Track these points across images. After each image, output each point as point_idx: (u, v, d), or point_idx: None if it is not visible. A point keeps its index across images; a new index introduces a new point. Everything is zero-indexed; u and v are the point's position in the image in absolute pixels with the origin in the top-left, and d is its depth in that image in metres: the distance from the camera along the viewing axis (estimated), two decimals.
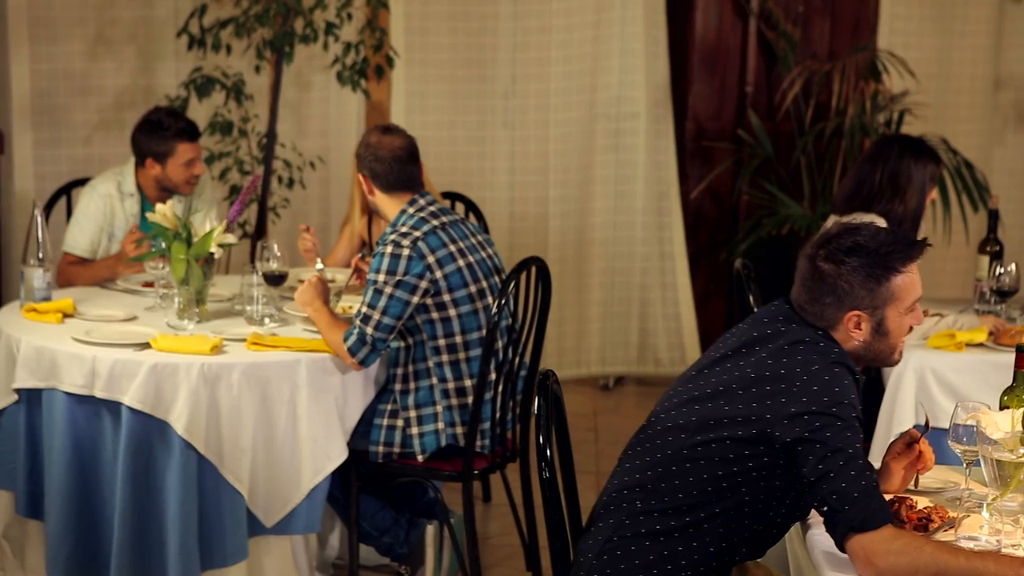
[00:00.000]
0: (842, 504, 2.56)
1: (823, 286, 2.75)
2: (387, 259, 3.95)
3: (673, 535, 2.71)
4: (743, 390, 2.69)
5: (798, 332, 2.74)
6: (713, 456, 2.69)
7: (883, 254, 2.72)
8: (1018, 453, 2.78)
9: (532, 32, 6.29)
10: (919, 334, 4.20)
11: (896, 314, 2.75)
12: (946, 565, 2.50)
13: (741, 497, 2.70)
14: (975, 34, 6.77)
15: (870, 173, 4.29)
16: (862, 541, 2.55)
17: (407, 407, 4.05)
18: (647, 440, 2.80)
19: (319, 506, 3.99)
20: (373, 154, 4.09)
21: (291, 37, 5.35)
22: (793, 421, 2.61)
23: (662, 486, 2.72)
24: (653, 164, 6.45)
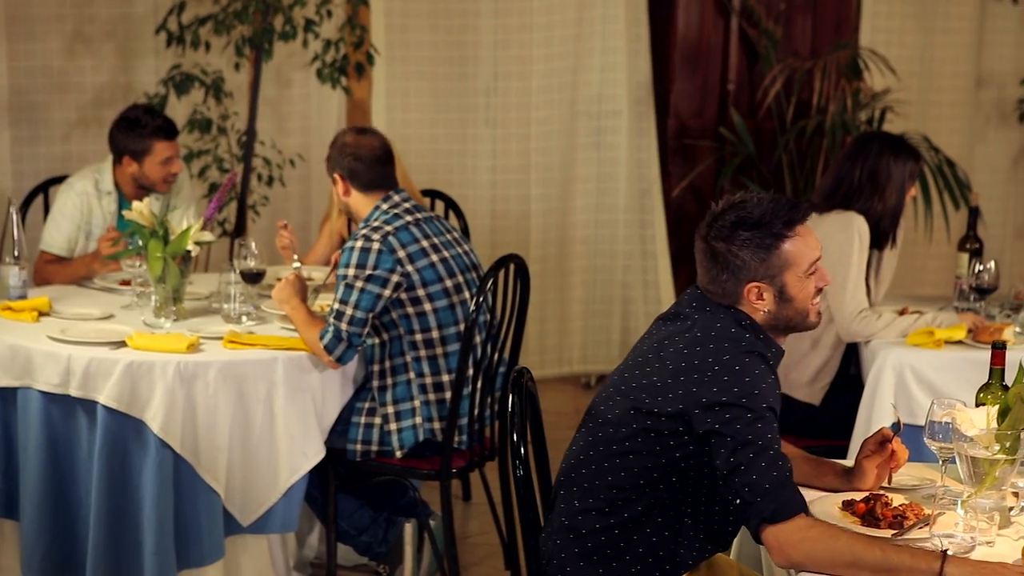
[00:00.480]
0: (754, 496, 2.56)
1: (717, 264, 2.74)
2: (356, 253, 3.94)
3: (614, 531, 2.71)
4: (662, 382, 2.68)
5: (709, 319, 2.73)
6: (641, 449, 2.69)
7: (766, 223, 2.70)
8: (993, 450, 2.78)
9: (513, 30, 6.27)
10: (898, 332, 4.20)
11: (795, 279, 2.73)
12: (861, 555, 2.50)
13: (674, 487, 2.70)
14: (957, 32, 6.78)
15: (849, 170, 4.28)
16: (775, 532, 2.55)
17: (385, 403, 4.03)
18: (586, 434, 2.80)
19: (296, 505, 3.97)
20: (352, 154, 4.07)
21: (270, 34, 5.33)
22: (705, 412, 2.61)
23: (596, 483, 2.73)
24: (635, 162, 6.44)
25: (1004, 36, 6.84)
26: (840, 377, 4.35)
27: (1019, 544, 2.66)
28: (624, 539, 2.72)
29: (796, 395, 4.34)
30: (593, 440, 2.77)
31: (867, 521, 2.76)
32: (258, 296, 4.38)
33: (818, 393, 4.34)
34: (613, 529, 2.72)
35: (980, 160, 6.96)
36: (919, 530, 2.71)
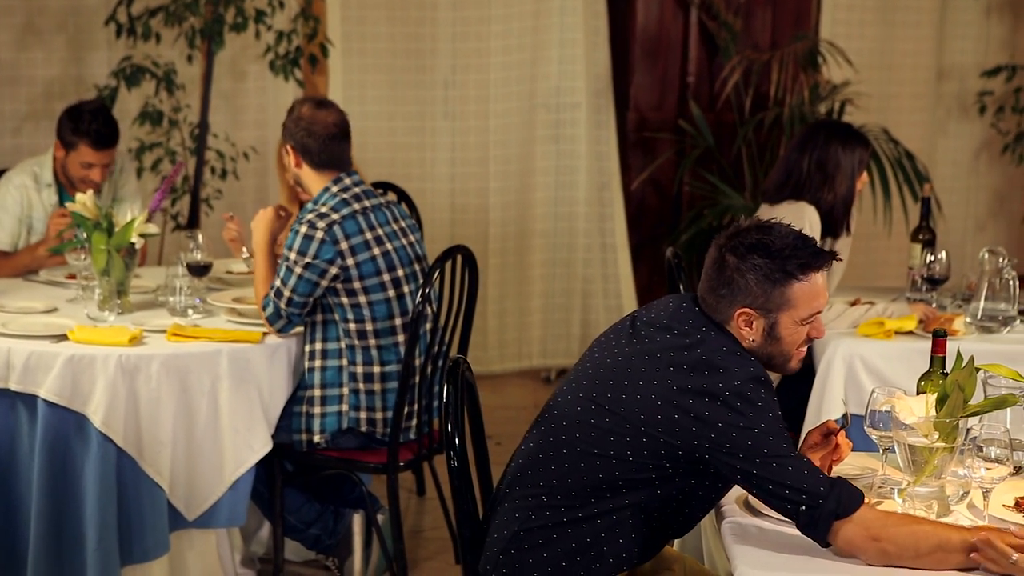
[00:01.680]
0: (815, 499, 2.52)
1: (722, 277, 2.68)
2: (300, 239, 3.89)
3: (567, 529, 2.67)
4: (663, 401, 2.60)
5: (715, 340, 2.65)
6: (613, 456, 2.63)
7: (785, 257, 2.64)
8: (932, 438, 2.76)
9: (471, 22, 6.23)
10: (849, 322, 4.18)
11: (790, 321, 2.67)
12: (947, 537, 2.48)
13: (639, 495, 2.65)
14: (918, 25, 6.77)
15: (798, 161, 4.26)
16: (853, 525, 2.51)
17: (313, 385, 3.98)
18: (546, 432, 2.74)
19: (243, 499, 3.93)
20: (306, 128, 4.00)
21: (220, 25, 5.28)
22: (722, 448, 2.56)
23: (554, 482, 2.68)
24: (594, 155, 6.41)
25: (965, 29, 6.84)
26: None
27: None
28: (576, 538, 2.67)
29: None
30: (554, 439, 2.70)
31: None
32: (206, 289, 4.33)
33: None
34: (567, 528, 2.67)
35: (941, 153, 6.96)
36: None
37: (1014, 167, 6.78)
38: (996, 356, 3.99)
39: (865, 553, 2.52)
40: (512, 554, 2.69)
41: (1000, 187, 7.02)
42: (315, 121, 3.99)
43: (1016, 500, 2.82)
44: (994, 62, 6.68)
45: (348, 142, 4.05)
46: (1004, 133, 6.73)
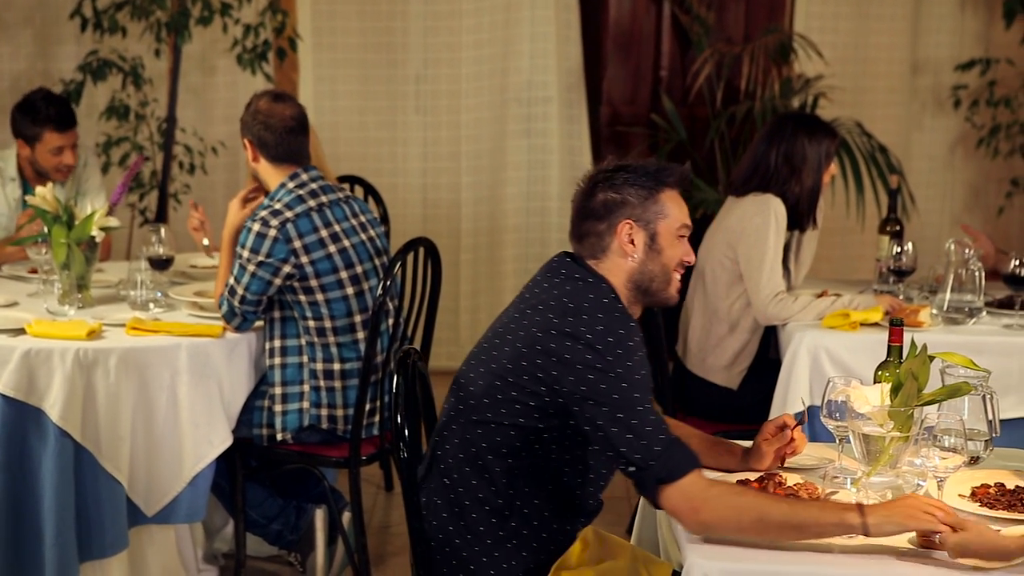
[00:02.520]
0: (646, 460, 2.52)
1: (595, 204, 2.74)
2: (253, 237, 3.85)
3: (484, 506, 2.68)
4: (528, 348, 2.63)
5: (581, 288, 2.68)
6: (503, 420, 2.65)
7: (652, 170, 2.75)
8: (887, 427, 2.74)
9: (442, 16, 6.21)
10: (814, 314, 4.15)
11: (668, 232, 2.74)
12: (768, 510, 2.46)
13: (537, 456, 2.66)
14: (892, 18, 6.75)
15: (765, 153, 4.24)
16: (677, 491, 2.50)
17: (274, 383, 3.95)
18: (455, 402, 2.76)
19: (203, 494, 3.89)
20: (263, 122, 3.96)
21: (186, 18, 5.24)
22: (578, 380, 2.57)
23: (460, 455, 2.69)
24: (567, 149, 6.38)
25: (940, 22, 6.82)
26: (758, 361, 4.31)
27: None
28: (495, 512, 2.68)
29: (714, 379, 4.30)
30: (458, 411, 2.72)
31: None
32: (169, 283, 4.30)
33: (736, 377, 4.29)
34: (484, 504, 2.68)
35: (917, 147, 6.94)
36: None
37: (989, 161, 6.76)
38: (962, 347, 3.96)
39: (684, 522, 2.51)
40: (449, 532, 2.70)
41: (976, 181, 7.01)
42: (272, 114, 3.95)
43: (972, 490, 2.80)
44: (969, 56, 6.66)
45: (306, 136, 4.01)
46: (979, 127, 6.71)
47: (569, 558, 2.73)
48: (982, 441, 2.98)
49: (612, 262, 2.75)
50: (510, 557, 2.70)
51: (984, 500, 2.73)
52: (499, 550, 2.70)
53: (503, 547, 2.70)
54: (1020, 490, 2.76)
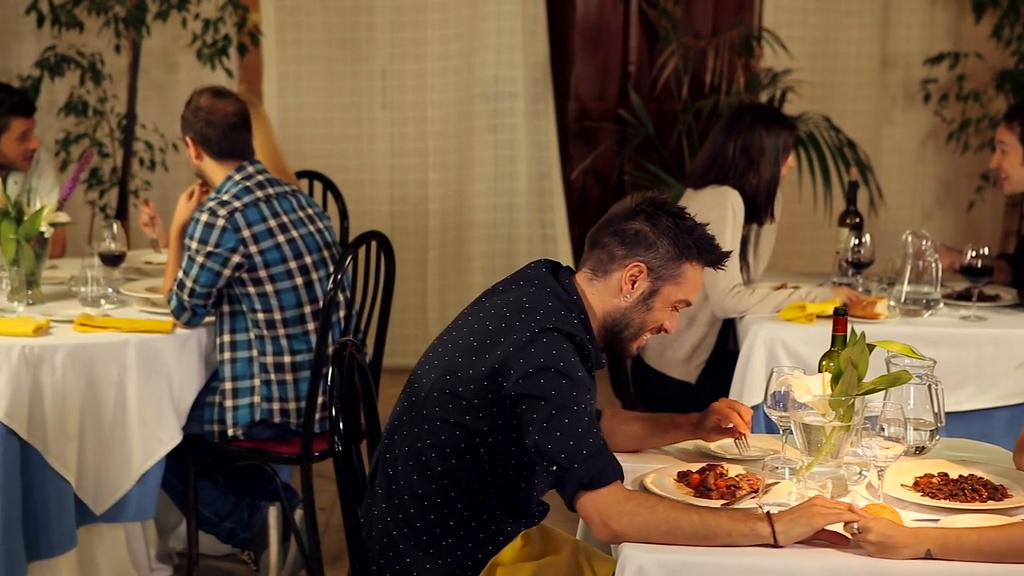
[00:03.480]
0: (571, 462, 2.48)
1: (623, 234, 2.69)
2: (200, 228, 3.82)
3: (423, 502, 2.65)
4: (479, 342, 2.61)
5: (541, 295, 2.65)
6: (450, 417, 2.61)
7: (696, 238, 2.71)
8: (828, 417, 2.70)
9: (407, 11, 6.17)
10: (772, 307, 4.12)
11: (668, 297, 2.71)
12: (678, 522, 2.43)
13: (482, 459, 2.62)
14: (861, 13, 6.72)
15: (723, 145, 4.21)
16: (593, 500, 2.47)
17: (224, 378, 3.91)
18: (403, 400, 2.72)
19: (152, 492, 3.85)
20: (205, 119, 3.92)
21: (142, 12, 5.20)
22: (518, 373, 2.53)
23: (406, 449, 2.66)
24: (534, 145, 6.35)
25: (910, 16, 6.79)
26: (717, 355, 4.28)
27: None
28: (436, 511, 2.65)
29: (672, 373, 4.26)
30: (407, 406, 2.69)
31: (700, 492, 2.69)
32: (123, 279, 4.26)
33: (694, 371, 4.26)
34: (423, 500, 2.65)
35: (887, 142, 6.91)
36: (750, 500, 2.63)
37: (959, 155, 6.74)
38: (919, 339, 3.96)
39: (596, 531, 2.49)
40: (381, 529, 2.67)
41: (946, 176, 6.98)
42: (214, 111, 3.92)
43: (916, 479, 2.77)
44: (939, 50, 6.64)
45: (249, 131, 3.98)
46: (949, 121, 6.69)
47: (505, 554, 2.70)
48: (928, 431, 2.95)
49: (605, 288, 2.71)
50: (445, 554, 2.66)
51: (927, 490, 2.70)
52: (434, 547, 2.66)
53: (439, 544, 2.66)
54: (964, 480, 2.73)
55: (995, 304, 4.23)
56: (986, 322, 4.07)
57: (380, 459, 2.74)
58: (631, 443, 2.92)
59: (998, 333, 4.02)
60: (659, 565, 2.42)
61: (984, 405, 4.01)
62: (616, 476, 2.49)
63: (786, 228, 6.73)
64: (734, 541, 2.43)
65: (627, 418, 2.94)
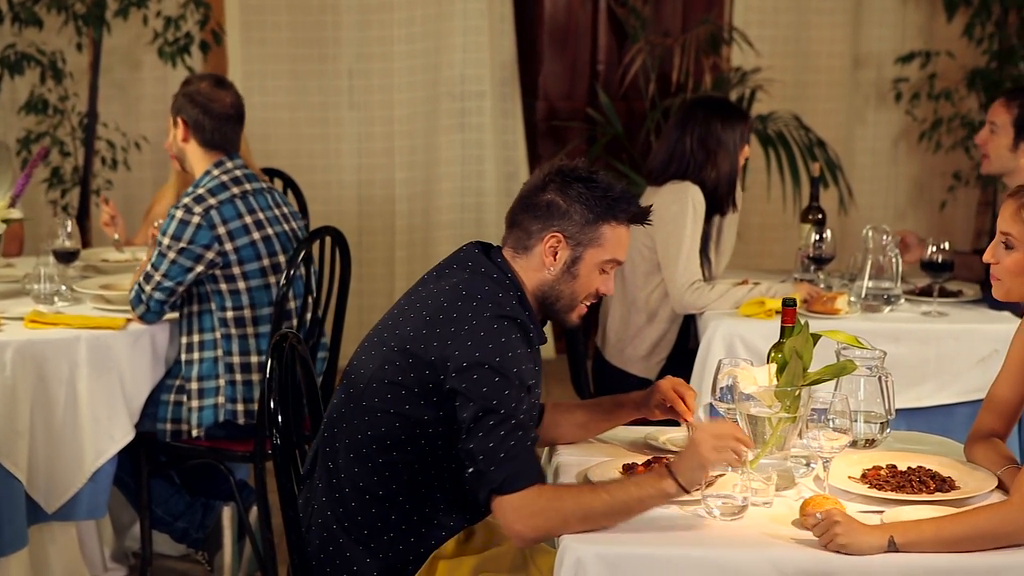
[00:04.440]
0: (488, 464, 2.46)
1: (540, 199, 2.64)
2: (176, 223, 3.78)
3: (364, 495, 2.61)
4: (415, 331, 2.58)
5: (479, 279, 2.62)
6: (389, 408, 2.57)
7: (609, 197, 2.64)
8: (775, 408, 2.67)
9: (374, 10, 6.13)
10: (731, 302, 4.09)
11: (592, 261, 2.66)
12: (590, 506, 2.42)
13: (423, 451, 2.58)
14: (832, 12, 6.70)
15: (679, 140, 4.18)
16: (504, 504, 2.45)
17: (190, 378, 3.87)
18: (341, 392, 2.69)
19: (104, 490, 3.81)
20: (203, 105, 3.89)
21: (101, 10, 5.15)
22: (455, 367, 2.50)
23: (347, 442, 2.62)
24: (501, 144, 6.32)
25: (882, 16, 6.77)
26: (677, 351, 4.25)
27: (798, 504, 2.55)
28: (377, 504, 2.61)
29: (632, 370, 4.23)
30: (346, 398, 2.65)
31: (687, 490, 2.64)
32: (79, 277, 4.22)
33: (654, 368, 4.23)
34: (364, 494, 2.61)
35: (860, 141, 6.89)
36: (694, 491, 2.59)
37: (932, 155, 6.72)
38: (879, 335, 3.94)
39: (511, 533, 2.48)
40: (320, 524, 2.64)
41: (919, 175, 6.97)
42: (213, 99, 3.90)
43: (863, 471, 2.74)
44: (911, 50, 6.61)
45: (241, 126, 3.98)
46: (920, 121, 6.67)
47: (447, 547, 2.66)
48: (878, 423, 2.92)
49: (529, 264, 2.67)
50: (386, 549, 2.62)
51: (874, 482, 2.68)
52: (375, 541, 2.62)
53: (379, 538, 2.62)
54: (912, 472, 2.70)
55: (957, 300, 4.20)
56: (947, 318, 4.05)
57: (319, 452, 2.70)
58: (577, 431, 2.89)
59: (959, 329, 3.99)
60: (598, 557, 2.39)
61: (945, 401, 3.99)
62: (532, 480, 2.47)
63: (756, 228, 6.73)
64: (647, 506, 2.45)
65: (570, 407, 2.91)
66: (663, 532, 2.47)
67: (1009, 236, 2.65)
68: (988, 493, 2.62)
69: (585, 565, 2.38)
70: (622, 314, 4.26)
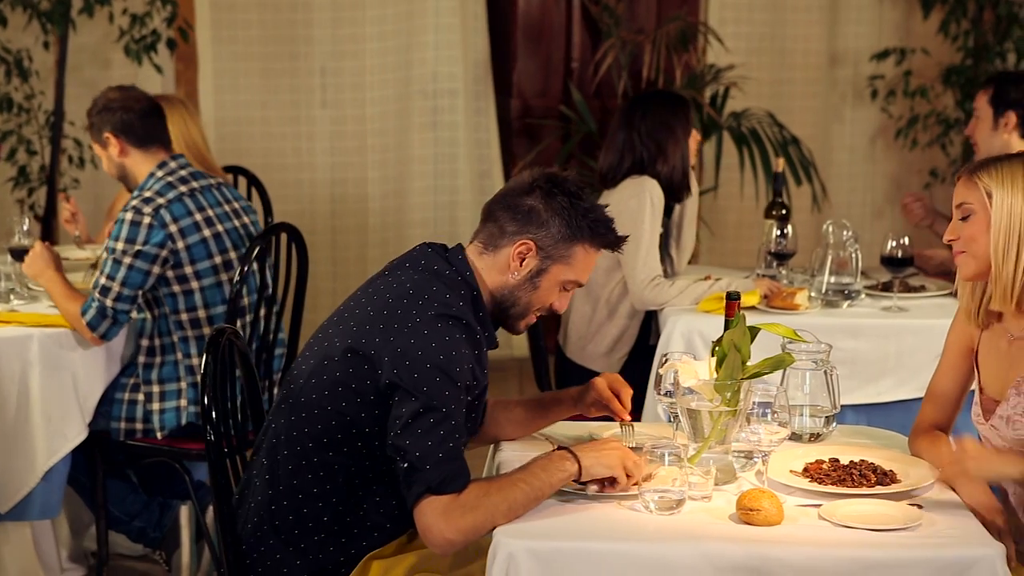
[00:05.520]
0: (424, 463, 2.43)
1: (525, 202, 2.62)
2: (127, 227, 3.75)
3: (297, 495, 2.58)
4: (358, 327, 2.55)
5: (428, 280, 2.59)
6: (327, 405, 2.55)
7: (591, 220, 2.63)
8: (715, 402, 2.64)
9: (345, 7, 6.11)
10: (691, 299, 4.07)
11: (556, 277, 2.64)
12: (512, 496, 2.43)
13: (360, 451, 2.56)
14: (808, 9, 6.67)
15: (627, 139, 4.17)
16: (435, 504, 2.42)
17: (150, 381, 3.84)
18: (281, 389, 2.68)
19: (58, 489, 3.79)
20: (122, 107, 3.86)
21: (63, 7, 5.12)
22: (395, 362, 2.47)
23: (284, 437, 2.60)
24: (474, 142, 6.29)
25: (859, 13, 6.74)
26: (639, 348, 4.22)
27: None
28: (311, 504, 2.59)
29: (594, 367, 4.20)
30: (286, 395, 2.63)
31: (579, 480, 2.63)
32: None
33: (616, 364, 4.20)
34: (298, 494, 2.59)
35: (837, 139, 6.86)
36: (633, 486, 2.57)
37: (908, 152, 6.69)
38: (839, 330, 3.93)
39: (436, 535, 2.43)
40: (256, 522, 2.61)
41: (897, 172, 6.94)
42: (128, 98, 3.89)
43: (805, 465, 2.71)
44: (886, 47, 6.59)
45: (164, 120, 3.93)
46: (897, 118, 6.64)
47: (386, 548, 2.63)
48: (823, 417, 2.90)
49: (495, 263, 2.64)
50: (316, 550, 2.59)
51: (815, 475, 2.65)
52: (305, 542, 2.59)
53: (310, 539, 2.59)
54: (853, 465, 2.68)
55: (920, 295, 4.17)
56: (907, 313, 4.02)
57: (259, 449, 2.67)
58: (517, 428, 2.87)
59: (919, 324, 3.97)
60: (529, 553, 2.36)
61: (904, 396, 3.96)
62: (466, 483, 2.45)
63: (732, 226, 6.70)
64: (555, 488, 2.48)
65: (509, 404, 2.88)
66: (597, 526, 2.45)
67: (964, 204, 2.68)
68: (928, 486, 2.60)
69: (517, 561, 2.35)
70: (584, 311, 4.24)
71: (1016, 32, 6.36)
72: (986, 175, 2.64)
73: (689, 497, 2.53)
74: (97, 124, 3.90)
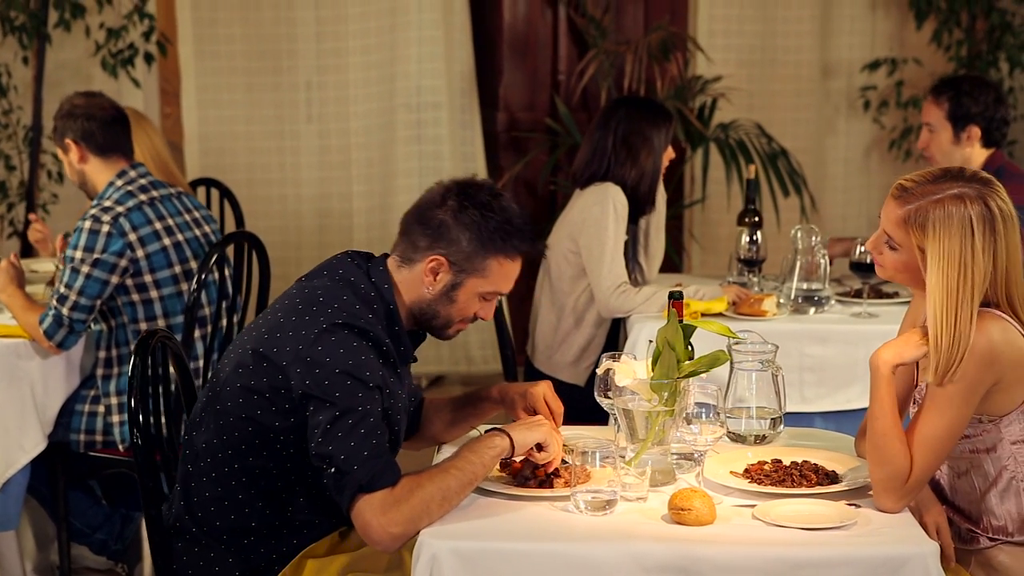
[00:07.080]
0: (351, 464, 2.39)
1: (434, 216, 2.58)
2: (85, 235, 3.73)
3: (223, 501, 2.56)
4: (269, 334, 2.51)
5: (339, 289, 2.54)
6: (242, 412, 2.51)
7: (507, 231, 2.57)
8: (652, 402, 2.59)
9: (328, 21, 6.09)
10: (659, 305, 4.01)
11: (473, 290, 2.60)
12: (447, 485, 2.41)
13: (278, 455, 2.52)
14: (799, 20, 6.62)
15: (602, 139, 4.13)
16: (370, 502, 2.38)
17: (108, 394, 3.81)
18: (202, 395, 2.63)
19: (16, 501, 3.76)
20: (85, 114, 3.84)
21: (37, 21, 5.12)
22: (305, 371, 2.43)
23: (204, 445, 2.56)
24: (460, 156, 6.26)
25: (851, 24, 6.68)
26: None
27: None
28: (236, 509, 2.56)
29: (561, 377, 4.15)
30: (207, 401, 2.59)
31: (518, 480, 2.59)
32: None
33: (583, 373, 4.15)
34: (223, 500, 2.55)
35: (831, 151, 6.79)
36: (564, 487, 2.53)
37: (902, 163, 6.62)
38: (808, 336, 3.89)
39: (372, 538, 2.39)
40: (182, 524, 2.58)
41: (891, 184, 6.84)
42: (92, 106, 3.87)
43: (747, 466, 2.66)
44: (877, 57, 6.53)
45: (128, 129, 3.91)
46: (890, 129, 6.58)
47: (320, 547, 2.59)
48: (769, 419, 2.84)
49: (411, 277, 2.60)
50: (248, 551, 2.56)
51: (754, 476, 2.60)
52: (235, 544, 2.56)
53: (239, 541, 2.56)
54: (795, 466, 2.63)
55: (891, 301, 4.11)
56: (877, 319, 3.96)
57: (182, 455, 2.63)
58: (446, 430, 2.84)
59: (888, 330, 3.86)
60: (453, 553, 2.32)
61: None
62: (397, 477, 2.41)
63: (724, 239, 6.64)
64: (489, 468, 2.48)
65: (439, 405, 2.84)
66: (525, 527, 2.41)
67: (892, 240, 2.62)
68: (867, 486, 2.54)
69: (440, 561, 2.31)
70: (551, 320, 4.19)
71: (1009, 41, 6.29)
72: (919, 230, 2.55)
73: (623, 498, 2.48)
74: (60, 129, 3.89)
